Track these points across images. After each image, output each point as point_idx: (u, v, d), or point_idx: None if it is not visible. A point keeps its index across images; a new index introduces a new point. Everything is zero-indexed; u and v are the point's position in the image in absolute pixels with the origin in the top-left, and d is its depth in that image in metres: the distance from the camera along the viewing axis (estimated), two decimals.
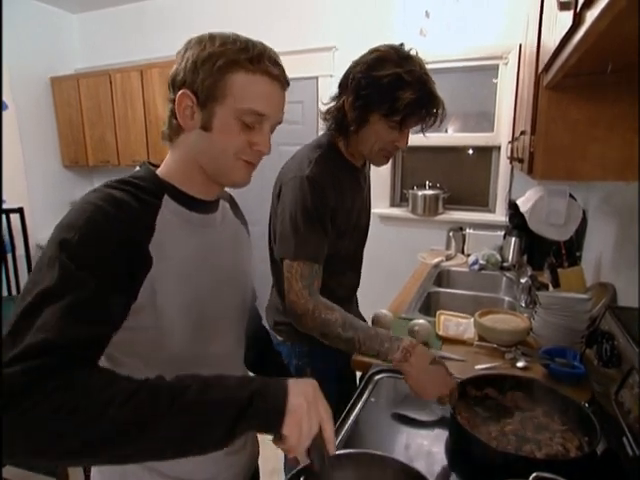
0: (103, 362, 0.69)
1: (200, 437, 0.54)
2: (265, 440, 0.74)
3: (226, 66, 0.66)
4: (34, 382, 0.49)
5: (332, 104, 1.16)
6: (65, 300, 0.54)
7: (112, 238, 0.60)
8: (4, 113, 3.29)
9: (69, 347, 0.53)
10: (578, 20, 0.64)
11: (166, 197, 0.71)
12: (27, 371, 0.49)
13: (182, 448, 0.54)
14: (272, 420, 0.57)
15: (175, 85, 0.69)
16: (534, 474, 0.69)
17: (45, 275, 0.56)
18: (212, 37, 0.68)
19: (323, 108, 1.18)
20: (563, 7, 0.69)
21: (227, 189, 0.87)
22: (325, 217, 1.11)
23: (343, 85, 1.12)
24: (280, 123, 0.75)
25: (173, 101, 0.69)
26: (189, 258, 0.71)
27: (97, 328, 0.57)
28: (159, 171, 0.75)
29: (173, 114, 0.70)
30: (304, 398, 0.58)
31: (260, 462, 0.99)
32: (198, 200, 0.75)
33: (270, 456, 1.08)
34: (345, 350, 1.06)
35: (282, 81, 0.72)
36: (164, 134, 0.75)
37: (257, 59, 0.67)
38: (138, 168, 0.75)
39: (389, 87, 1.02)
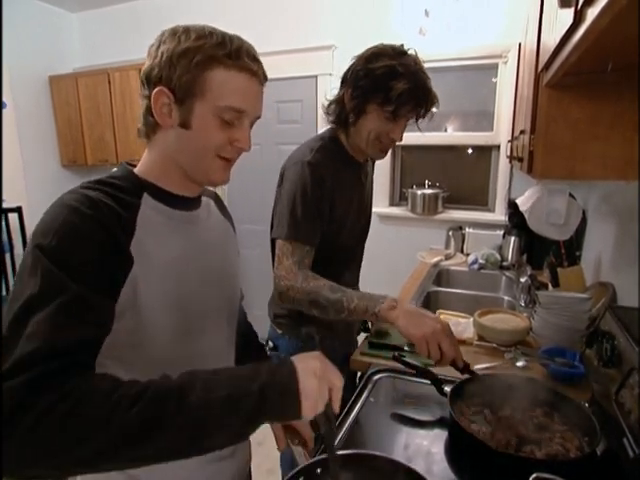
0: None
1: (209, 438, 0.53)
2: (259, 441, 0.73)
3: (204, 62, 0.64)
4: (35, 394, 0.48)
5: (334, 98, 1.20)
6: (51, 306, 0.53)
7: (91, 240, 0.59)
8: (3, 112, 3.28)
9: (62, 353, 0.52)
10: (579, 18, 0.63)
11: (146, 195, 0.69)
12: (26, 383, 0.48)
13: (193, 448, 0.53)
14: (289, 411, 0.56)
15: (150, 81, 0.67)
16: (534, 474, 0.69)
17: (27, 283, 0.55)
18: (187, 30, 0.66)
19: (325, 102, 1.22)
20: (564, 4, 0.68)
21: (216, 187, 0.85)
22: (322, 202, 1.14)
23: (344, 79, 1.17)
24: (259, 118, 0.74)
25: (148, 97, 0.67)
26: (172, 256, 0.70)
27: (87, 331, 0.56)
28: (137, 170, 0.73)
29: (149, 111, 0.68)
30: (314, 375, 0.57)
31: (255, 464, 0.98)
32: (179, 197, 0.74)
33: (265, 458, 1.08)
34: (335, 316, 1.06)
35: (260, 76, 0.71)
36: (140, 131, 0.73)
37: (235, 55, 0.66)
38: (115, 169, 0.74)
39: (383, 77, 1.06)
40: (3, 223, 2.96)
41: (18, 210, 3.04)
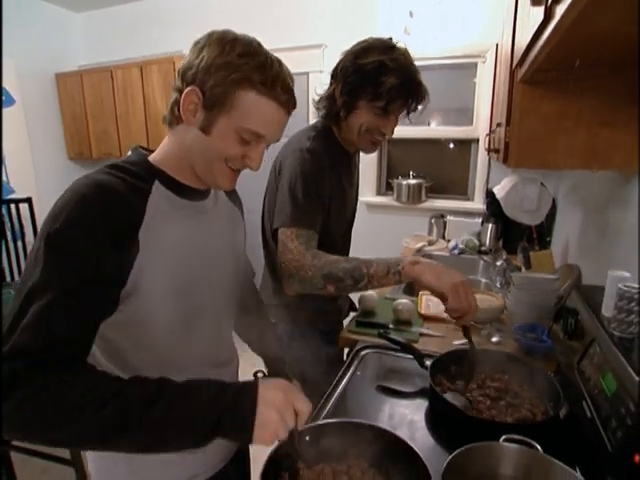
0: None
1: (166, 448, 0.57)
2: None
3: (239, 81, 0.62)
4: (24, 380, 0.51)
5: (324, 94, 1.15)
6: (48, 296, 0.53)
7: (96, 227, 0.56)
8: (12, 108, 3.23)
9: (45, 348, 0.53)
10: (549, 15, 0.63)
11: (157, 183, 0.67)
12: (19, 369, 0.52)
13: (149, 452, 0.58)
14: (241, 437, 0.58)
15: (185, 78, 0.65)
16: (504, 436, 0.70)
17: (32, 271, 0.55)
18: (233, 42, 0.63)
19: (316, 97, 1.17)
20: (535, 2, 0.68)
21: None
22: (322, 187, 1.08)
23: (333, 74, 1.11)
24: (277, 141, 0.72)
25: (179, 91, 0.65)
26: (179, 244, 0.68)
27: (80, 322, 0.56)
28: (152, 157, 0.71)
29: (177, 103, 0.66)
30: (274, 408, 0.57)
31: None
32: (189, 187, 0.72)
33: None
34: (352, 287, 0.96)
35: (289, 107, 0.68)
36: (165, 119, 0.70)
37: (271, 83, 0.64)
38: (130, 152, 0.72)
39: (373, 73, 1.01)
40: (14, 213, 2.96)
41: (28, 200, 3.01)
